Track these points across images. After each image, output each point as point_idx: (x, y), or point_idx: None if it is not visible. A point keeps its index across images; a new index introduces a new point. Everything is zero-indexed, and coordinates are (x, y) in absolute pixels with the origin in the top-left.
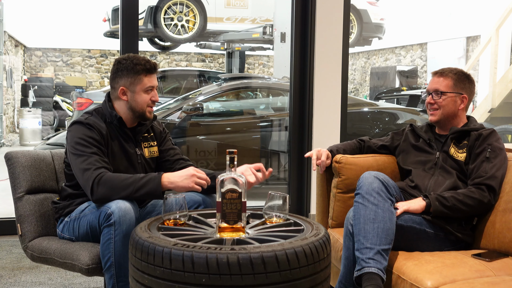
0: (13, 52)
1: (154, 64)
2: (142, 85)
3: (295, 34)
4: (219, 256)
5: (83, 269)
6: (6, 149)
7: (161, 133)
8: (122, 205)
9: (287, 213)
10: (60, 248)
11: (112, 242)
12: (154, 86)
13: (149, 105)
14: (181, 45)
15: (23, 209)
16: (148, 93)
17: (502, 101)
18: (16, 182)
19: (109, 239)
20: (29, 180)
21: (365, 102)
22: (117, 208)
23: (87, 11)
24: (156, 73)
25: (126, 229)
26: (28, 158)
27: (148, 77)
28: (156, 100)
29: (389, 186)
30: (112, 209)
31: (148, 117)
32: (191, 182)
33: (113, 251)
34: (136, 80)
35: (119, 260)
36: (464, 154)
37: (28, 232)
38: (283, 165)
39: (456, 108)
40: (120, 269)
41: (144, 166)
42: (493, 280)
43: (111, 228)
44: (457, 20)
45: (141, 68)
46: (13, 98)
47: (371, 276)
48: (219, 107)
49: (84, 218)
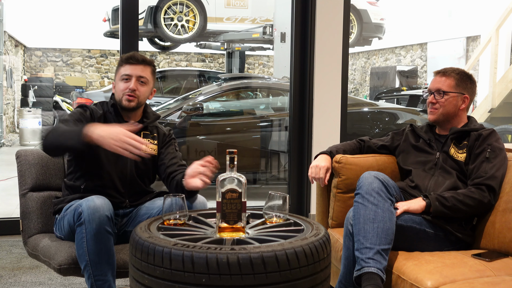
0: (13, 52)
1: (138, 55)
2: (119, 73)
3: (295, 34)
4: (219, 256)
5: (56, 269)
6: (6, 149)
7: (165, 135)
8: (91, 203)
9: (287, 213)
10: (46, 246)
11: (84, 241)
12: (130, 75)
13: (125, 93)
14: (181, 45)
15: (26, 206)
16: (125, 81)
17: (502, 101)
18: (22, 179)
19: (81, 238)
20: (34, 177)
21: (365, 102)
22: (86, 206)
23: (87, 11)
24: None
25: (96, 227)
26: (35, 156)
27: (127, 66)
28: (132, 88)
29: (389, 186)
30: (82, 208)
31: (124, 105)
32: (114, 144)
33: (86, 250)
34: (118, 70)
35: (94, 259)
36: (464, 154)
37: (28, 228)
38: (283, 165)
39: (457, 108)
40: (96, 268)
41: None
42: (493, 280)
43: (82, 227)
44: (457, 20)
45: (121, 59)
46: (13, 98)
47: (371, 276)
48: (219, 107)
49: (66, 217)
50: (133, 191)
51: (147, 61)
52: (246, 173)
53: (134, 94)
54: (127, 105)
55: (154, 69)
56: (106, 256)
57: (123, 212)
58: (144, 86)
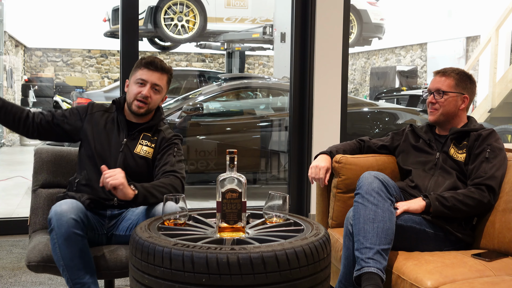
0: (13, 52)
1: (158, 62)
2: (135, 76)
3: (295, 34)
4: (219, 256)
5: (26, 265)
6: (6, 149)
7: (164, 140)
8: (58, 208)
9: (287, 213)
10: (37, 242)
11: (57, 246)
12: (146, 80)
13: (137, 98)
14: (181, 45)
15: (34, 202)
16: (139, 86)
17: (502, 101)
18: (35, 176)
19: (54, 244)
20: (45, 174)
21: (365, 102)
22: (54, 213)
23: (87, 11)
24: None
25: (65, 232)
26: (49, 154)
27: (144, 70)
28: (144, 95)
29: (389, 186)
30: (50, 215)
31: (134, 110)
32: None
33: (60, 255)
34: (134, 72)
35: (69, 264)
36: (464, 154)
37: (33, 223)
38: (283, 165)
39: (457, 108)
40: (72, 272)
41: (125, 156)
42: (493, 280)
43: (53, 233)
44: (457, 20)
45: (140, 62)
46: (13, 98)
47: (371, 276)
48: (219, 107)
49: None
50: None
51: (165, 69)
52: (246, 173)
53: (146, 100)
54: (137, 110)
55: (170, 78)
56: (80, 259)
57: (110, 213)
58: (157, 94)
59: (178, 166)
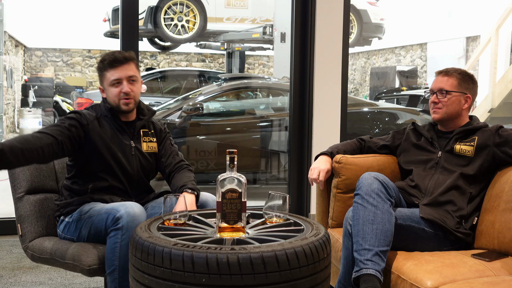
0: (13, 52)
1: (119, 56)
2: (107, 80)
3: (295, 34)
4: (219, 256)
5: (85, 270)
6: None
7: (161, 131)
8: (131, 210)
9: (287, 213)
10: (61, 249)
11: (118, 246)
12: (119, 78)
13: (121, 98)
14: (181, 45)
15: (23, 209)
16: (116, 86)
17: (502, 101)
18: (16, 182)
19: (115, 243)
20: (29, 180)
21: (365, 102)
22: (126, 213)
23: (87, 11)
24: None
25: None
26: None
27: (112, 71)
28: (126, 92)
29: (389, 187)
30: (121, 213)
31: (124, 109)
32: None
33: (119, 255)
34: (102, 77)
35: (124, 265)
36: (472, 147)
37: (28, 232)
38: (283, 165)
39: (460, 108)
40: (124, 274)
41: (139, 158)
42: (493, 280)
43: (118, 232)
44: (457, 20)
45: (103, 65)
46: (13, 98)
47: (369, 278)
48: (219, 107)
49: (89, 219)
50: (139, 190)
51: (129, 58)
52: (246, 173)
53: (130, 96)
54: (127, 108)
55: (137, 62)
56: None
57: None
58: (135, 84)
59: (180, 155)
